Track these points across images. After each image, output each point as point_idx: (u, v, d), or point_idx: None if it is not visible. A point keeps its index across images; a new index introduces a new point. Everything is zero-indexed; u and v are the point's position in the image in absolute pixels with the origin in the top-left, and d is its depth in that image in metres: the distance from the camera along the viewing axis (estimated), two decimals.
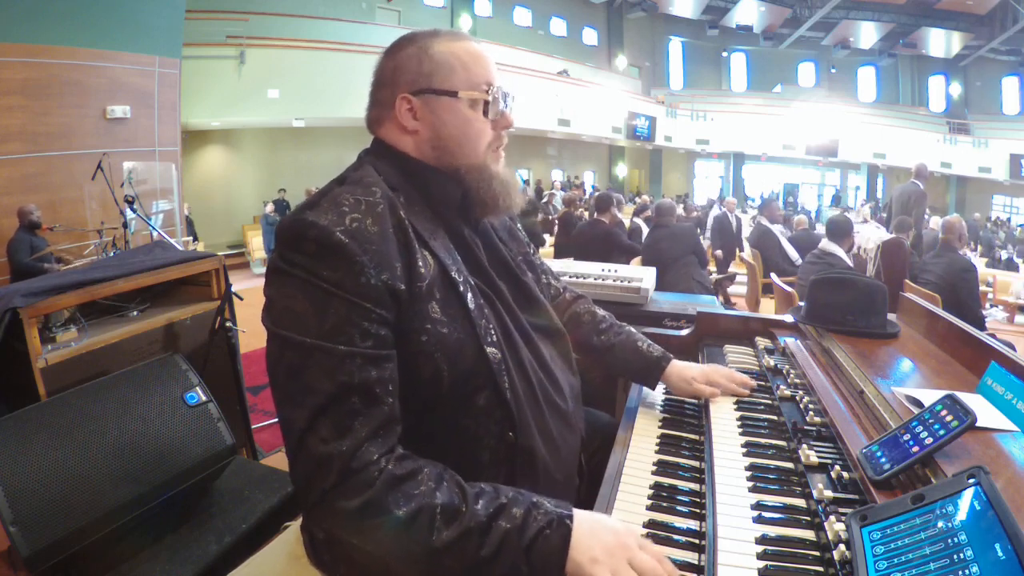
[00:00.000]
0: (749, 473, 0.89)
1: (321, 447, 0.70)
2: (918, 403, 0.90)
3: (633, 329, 1.23)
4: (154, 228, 4.52)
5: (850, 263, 3.83)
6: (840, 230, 3.88)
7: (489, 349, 0.83)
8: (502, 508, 0.72)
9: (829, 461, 0.85)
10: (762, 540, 0.74)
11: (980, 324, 3.65)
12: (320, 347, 0.72)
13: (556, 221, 7.54)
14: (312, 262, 0.74)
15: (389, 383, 0.75)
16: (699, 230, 6.63)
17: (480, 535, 0.70)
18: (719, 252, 6.85)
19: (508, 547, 0.70)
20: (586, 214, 7.12)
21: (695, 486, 0.92)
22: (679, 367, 1.16)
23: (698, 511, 0.85)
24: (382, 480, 0.70)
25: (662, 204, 4.67)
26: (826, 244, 3.93)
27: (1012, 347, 1.12)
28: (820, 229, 7.40)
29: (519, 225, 1.13)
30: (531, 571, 0.70)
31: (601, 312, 1.24)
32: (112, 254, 4.35)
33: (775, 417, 1.06)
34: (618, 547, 0.71)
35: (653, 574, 0.69)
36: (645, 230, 6.16)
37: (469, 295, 0.84)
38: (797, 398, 1.06)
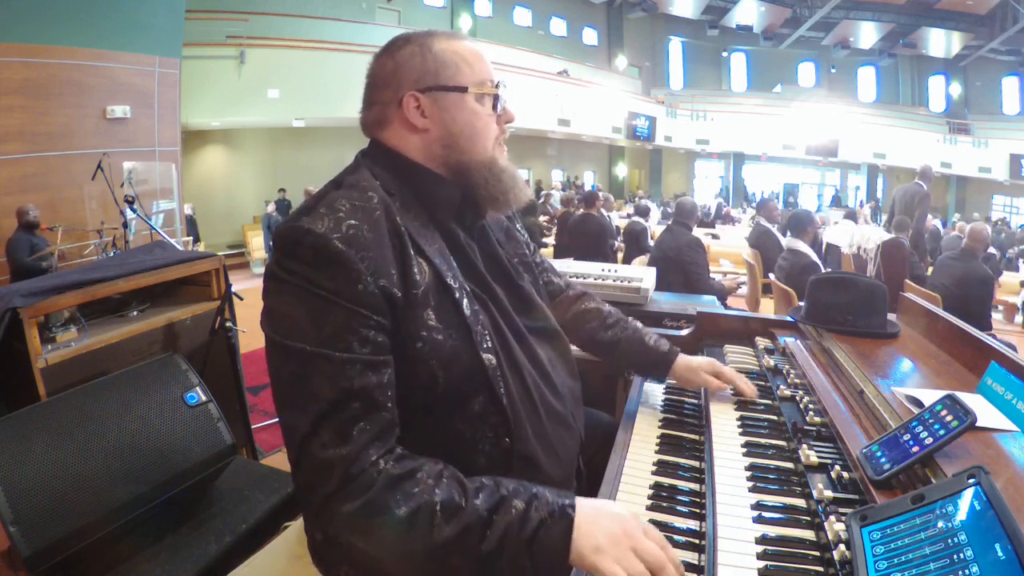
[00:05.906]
0: (749, 473, 0.89)
1: (323, 452, 0.70)
2: (918, 403, 0.90)
3: (640, 324, 1.23)
4: (154, 228, 4.51)
5: (815, 258, 3.80)
6: (800, 224, 3.83)
7: (485, 355, 0.83)
8: (502, 501, 0.72)
9: (829, 461, 0.85)
10: (762, 540, 0.74)
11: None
12: (320, 354, 0.72)
13: (555, 220, 7.55)
14: (309, 270, 0.74)
15: (388, 388, 0.76)
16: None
17: (481, 530, 0.70)
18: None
19: (510, 540, 0.69)
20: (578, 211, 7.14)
21: (695, 486, 0.92)
22: (685, 360, 1.17)
23: (698, 511, 0.85)
24: (381, 480, 0.70)
25: (681, 203, 4.04)
26: (790, 241, 3.88)
27: (1012, 347, 1.12)
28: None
29: (518, 225, 1.12)
30: (534, 563, 0.70)
31: (607, 307, 1.24)
32: (112, 254, 4.35)
33: (775, 417, 1.06)
34: (622, 535, 0.70)
35: (657, 562, 0.69)
36: (640, 229, 6.17)
37: (464, 301, 0.84)
38: (797, 398, 1.06)
